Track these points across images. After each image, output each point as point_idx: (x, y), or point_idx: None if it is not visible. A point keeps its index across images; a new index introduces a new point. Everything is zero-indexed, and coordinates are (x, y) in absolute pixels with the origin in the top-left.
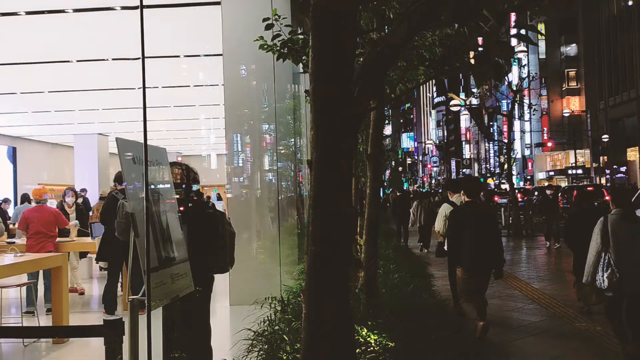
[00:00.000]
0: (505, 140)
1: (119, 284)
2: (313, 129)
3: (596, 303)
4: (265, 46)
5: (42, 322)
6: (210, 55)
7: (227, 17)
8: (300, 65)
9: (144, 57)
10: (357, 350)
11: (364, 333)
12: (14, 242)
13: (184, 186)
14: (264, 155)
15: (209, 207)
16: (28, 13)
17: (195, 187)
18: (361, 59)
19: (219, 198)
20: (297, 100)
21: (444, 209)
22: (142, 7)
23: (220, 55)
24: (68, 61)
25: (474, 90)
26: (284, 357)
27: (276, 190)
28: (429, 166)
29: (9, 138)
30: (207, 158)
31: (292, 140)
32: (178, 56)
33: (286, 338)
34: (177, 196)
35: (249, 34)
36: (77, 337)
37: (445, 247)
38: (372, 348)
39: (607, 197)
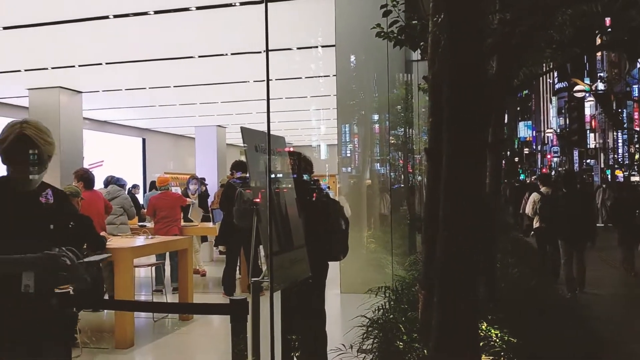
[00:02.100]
0: (637, 129)
1: (237, 267)
2: (431, 116)
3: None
4: (382, 34)
5: (169, 300)
6: (322, 46)
7: (340, 7)
8: (417, 52)
9: (268, 51)
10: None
11: (484, 327)
12: (145, 226)
13: (295, 175)
14: (375, 145)
15: (323, 196)
16: (156, 12)
17: (305, 177)
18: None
19: (329, 188)
20: (409, 88)
21: (533, 197)
22: (267, 0)
23: (333, 46)
24: (191, 57)
25: (601, 74)
26: (401, 346)
27: (387, 180)
28: (548, 156)
29: (139, 130)
30: (317, 148)
31: (402, 129)
32: (291, 49)
33: (402, 327)
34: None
35: (362, 24)
36: (206, 314)
37: (535, 225)
38: (493, 343)
39: None
